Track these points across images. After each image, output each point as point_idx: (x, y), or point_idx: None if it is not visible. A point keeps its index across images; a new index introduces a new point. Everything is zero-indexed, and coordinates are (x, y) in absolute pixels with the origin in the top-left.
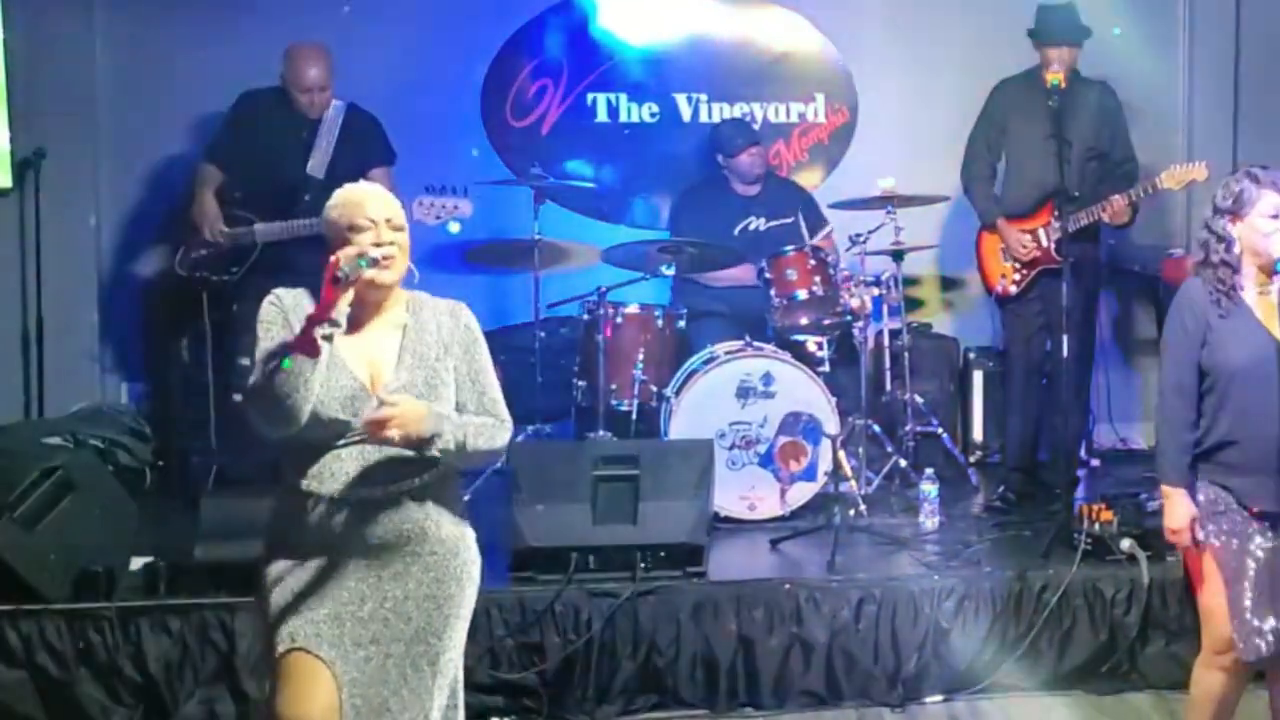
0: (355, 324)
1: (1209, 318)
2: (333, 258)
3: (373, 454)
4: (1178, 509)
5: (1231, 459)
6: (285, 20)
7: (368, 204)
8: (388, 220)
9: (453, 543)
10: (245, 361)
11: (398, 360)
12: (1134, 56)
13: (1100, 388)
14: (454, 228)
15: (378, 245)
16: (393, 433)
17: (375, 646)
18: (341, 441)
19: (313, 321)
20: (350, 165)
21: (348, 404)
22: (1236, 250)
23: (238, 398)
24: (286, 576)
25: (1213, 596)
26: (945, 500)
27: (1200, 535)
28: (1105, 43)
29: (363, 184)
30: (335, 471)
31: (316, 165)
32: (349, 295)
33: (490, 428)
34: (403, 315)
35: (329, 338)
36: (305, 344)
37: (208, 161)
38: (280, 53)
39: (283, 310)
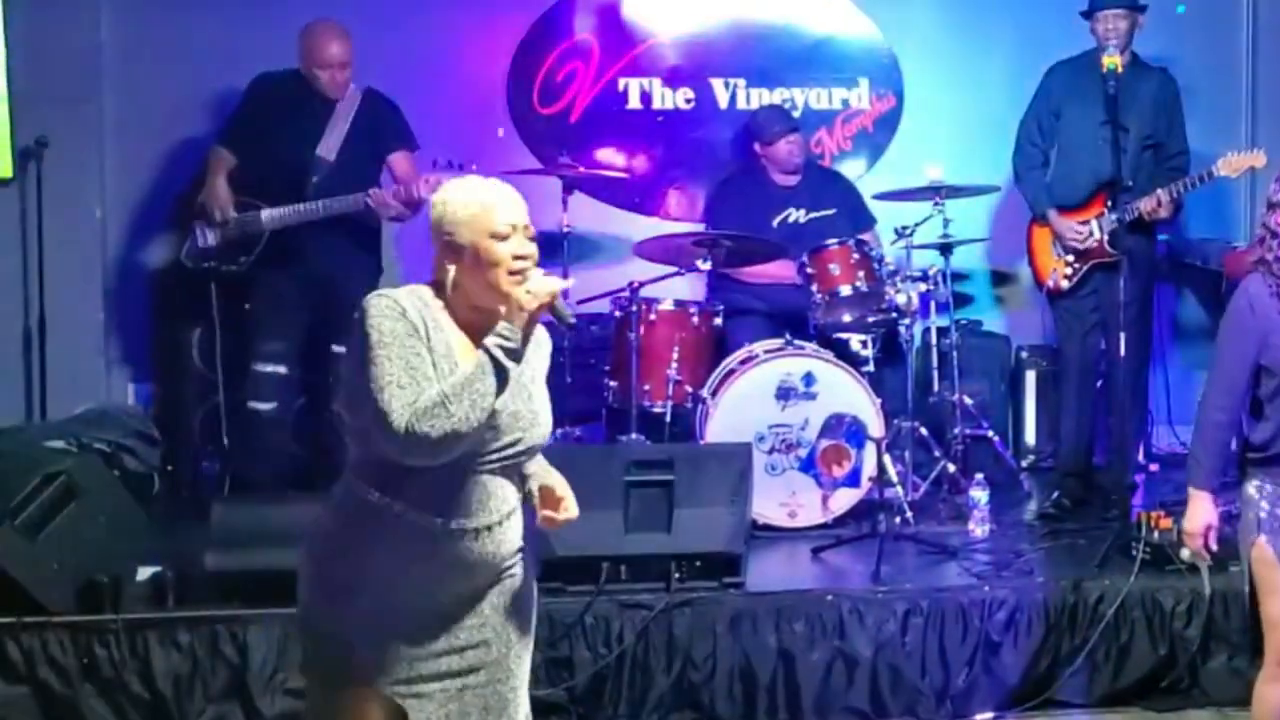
0: (473, 332)
1: (1271, 316)
2: (532, 298)
3: (481, 486)
4: (1199, 512)
5: None
6: (297, 1)
7: (506, 207)
8: (525, 227)
9: (524, 564)
10: (394, 382)
11: (512, 384)
12: (1195, 38)
13: (1159, 388)
14: None
15: (518, 258)
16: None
17: (455, 680)
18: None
19: (507, 354)
20: (365, 150)
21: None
22: None
23: (254, 405)
24: (369, 601)
25: (1278, 607)
26: (996, 507)
27: (1265, 543)
28: (1164, 25)
29: (489, 182)
30: (446, 502)
31: (328, 148)
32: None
33: None
34: None
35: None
36: (502, 380)
37: (221, 145)
38: (293, 34)
39: (410, 322)
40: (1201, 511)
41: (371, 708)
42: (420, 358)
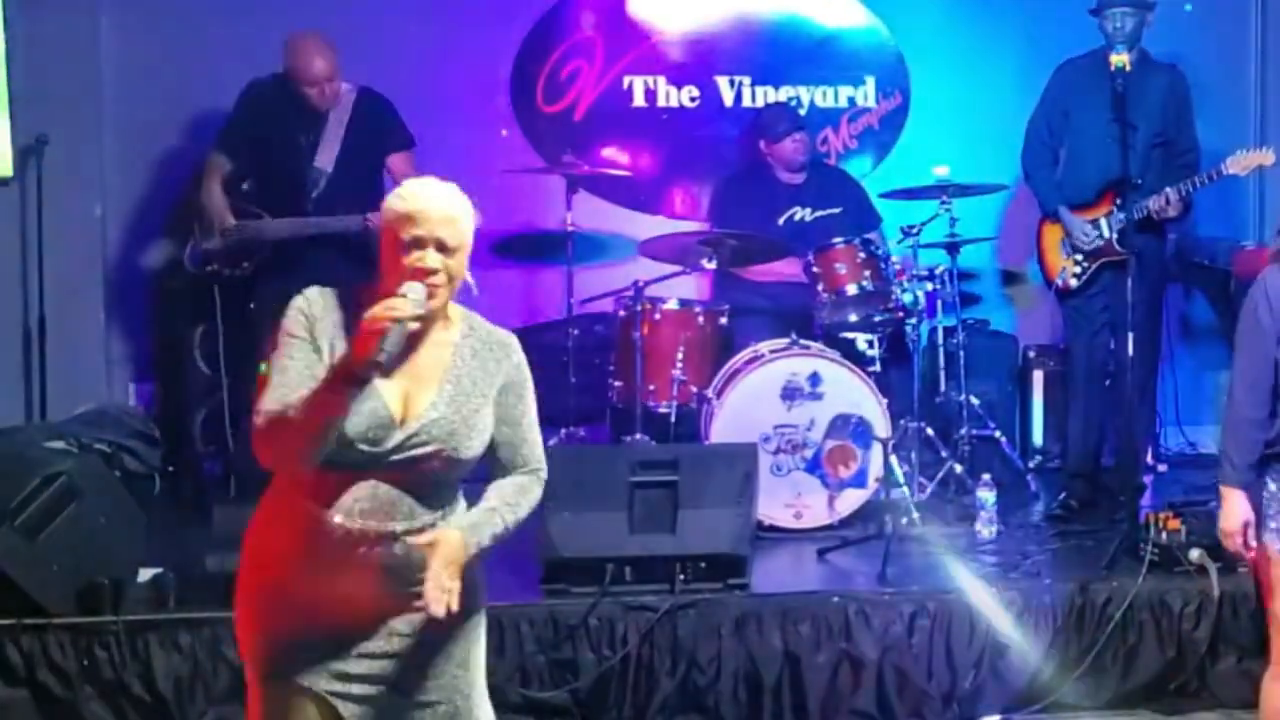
0: None
1: None
2: (370, 320)
3: (385, 489)
4: (1234, 510)
5: None
6: (299, 1)
7: (421, 220)
8: (438, 242)
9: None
10: (268, 382)
11: (438, 389)
12: (1203, 35)
13: (1167, 388)
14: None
15: (418, 270)
16: (441, 589)
17: (379, 688)
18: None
19: (340, 377)
20: (363, 154)
21: (370, 433)
22: None
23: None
24: (284, 601)
25: None
26: (1003, 508)
27: (1259, 539)
28: (1173, 21)
29: (429, 188)
30: (345, 500)
31: (325, 159)
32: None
33: (525, 492)
34: (452, 335)
35: (355, 395)
36: (332, 400)
37: (218, 149)
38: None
39: (310, 323)
40: (1236, 509)
41: (303, 702)
42: (296, 360)
